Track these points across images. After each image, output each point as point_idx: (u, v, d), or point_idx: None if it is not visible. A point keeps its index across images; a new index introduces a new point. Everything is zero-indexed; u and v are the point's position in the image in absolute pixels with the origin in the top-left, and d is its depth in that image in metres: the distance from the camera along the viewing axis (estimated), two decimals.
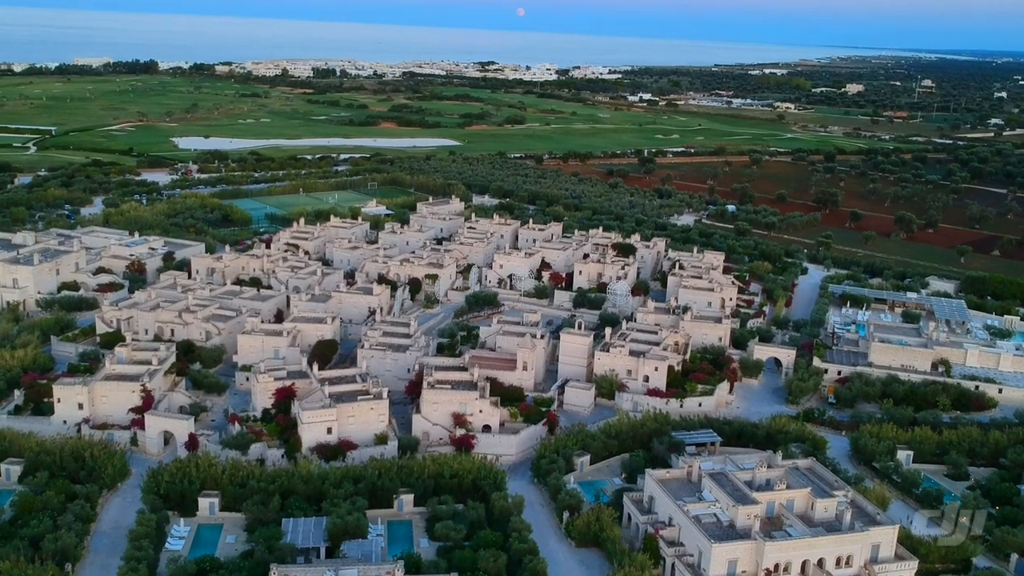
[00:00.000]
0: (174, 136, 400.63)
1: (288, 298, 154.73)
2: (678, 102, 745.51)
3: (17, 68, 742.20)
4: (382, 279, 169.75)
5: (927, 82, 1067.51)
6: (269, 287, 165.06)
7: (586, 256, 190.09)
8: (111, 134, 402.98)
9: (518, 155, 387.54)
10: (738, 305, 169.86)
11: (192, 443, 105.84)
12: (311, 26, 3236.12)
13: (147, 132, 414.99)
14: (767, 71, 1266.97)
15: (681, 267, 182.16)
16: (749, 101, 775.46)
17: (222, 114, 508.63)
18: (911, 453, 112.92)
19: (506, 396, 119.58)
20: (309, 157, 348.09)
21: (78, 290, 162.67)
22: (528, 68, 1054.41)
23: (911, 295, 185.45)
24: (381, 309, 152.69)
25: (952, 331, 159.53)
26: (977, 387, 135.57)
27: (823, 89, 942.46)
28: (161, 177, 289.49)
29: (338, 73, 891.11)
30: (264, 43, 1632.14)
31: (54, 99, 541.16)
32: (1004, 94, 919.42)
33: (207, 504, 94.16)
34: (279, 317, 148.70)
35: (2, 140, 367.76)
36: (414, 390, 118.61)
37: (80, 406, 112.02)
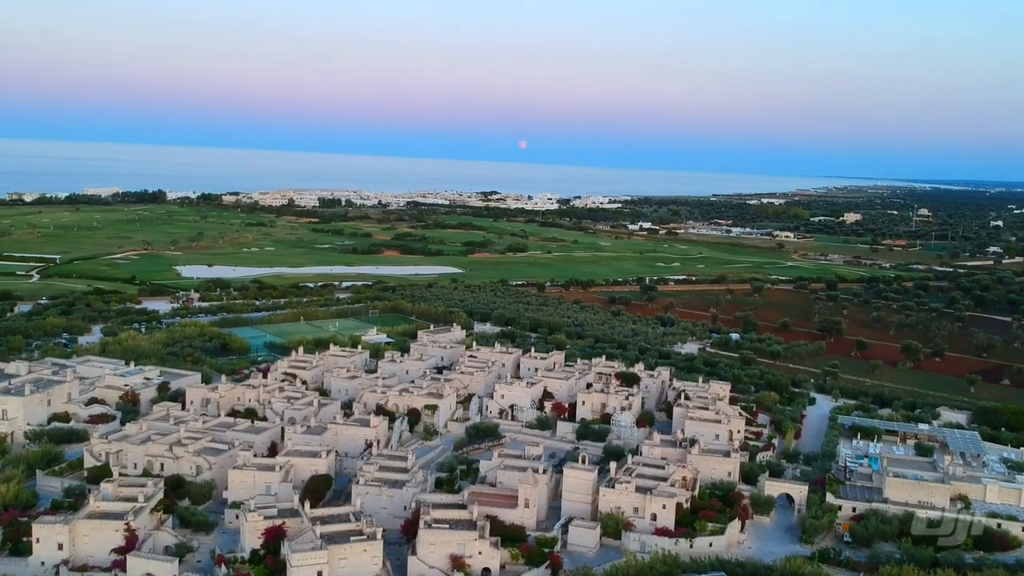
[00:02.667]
0: (178, 264, 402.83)
1: (283, 430, 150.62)
2: (678, 231, 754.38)
3: (28, 198, 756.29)
4: (380, 410, 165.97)
5: (923, 211, 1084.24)
6: (264, 418, 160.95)
7: (589, 386, 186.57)
8: (115, 262, 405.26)
9: (520, 283, 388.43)
10: (746, 437, 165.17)
11: None
12: (319, 158, 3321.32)
13: (151, 260, 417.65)
14: (765, 200, 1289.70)
15: (687, 397, 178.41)
16: (748, 230, 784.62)
17: (227, 243, 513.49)
18: None
19: (507, 535, 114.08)
20: (311, 285, 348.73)
21: (69, 421, 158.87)
22: (530, 197, 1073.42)
23: (923, 426, 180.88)
24: (378, 442, 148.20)
25: (968, 464, 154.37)
26: (999, 525, 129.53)
27: (821, 218, 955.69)
28: (162, 305, 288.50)
29: (343, 203, 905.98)
30: (272, 174, 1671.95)
31: (61, 228, 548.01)
32: (1000, 223, 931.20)
33: None
34: (273, 450, 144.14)
35: (6, 268, 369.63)
36: (410, 529, 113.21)
37: (60, 546, 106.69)
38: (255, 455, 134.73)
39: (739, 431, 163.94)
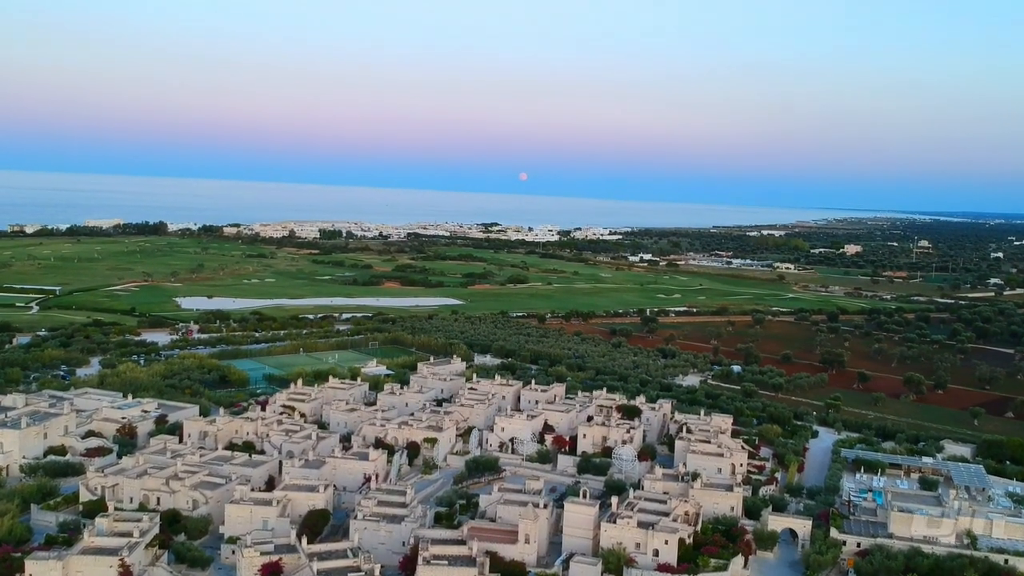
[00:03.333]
0: (178, 296, 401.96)
1: (280, 464, 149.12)
2: (678, 262, 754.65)
3: (29, 229, 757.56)
4: (379, 443, 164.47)
5: (924, 242, 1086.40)
6: (262, 452, 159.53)
7: (590, 419, 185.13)
8: (115, 294, 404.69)
9: (520, 314, 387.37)
10: (749, 471, 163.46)
11: None
12: (320, 190, 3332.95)
13: (151, 292, 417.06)
14: (765, 232, 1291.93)
15: (689, 431, 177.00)
16: (749, 262, 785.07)
17: (227, 274, 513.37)
18: None
19: (507, 572, 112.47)
20: (311, 316, 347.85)
21: (65, 455, 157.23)
22: (530, 229, 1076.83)
23: (927, 460, 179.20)
24: (377, 476, 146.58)
25: (973, 499, 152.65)
26: (1007, 561, 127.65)
27: (821, 250, 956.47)
28: (161, 337, 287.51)
29: (344, 234, 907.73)
30: (273, 206, 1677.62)
31: (62, 259, 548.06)
32: (1000, 254, 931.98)
33: None
34: (271, 484, 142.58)
35: (6, 300, 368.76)
36: (409, 565, 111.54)
37: None
38: (252, 489, 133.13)
39: (741, 465, 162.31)
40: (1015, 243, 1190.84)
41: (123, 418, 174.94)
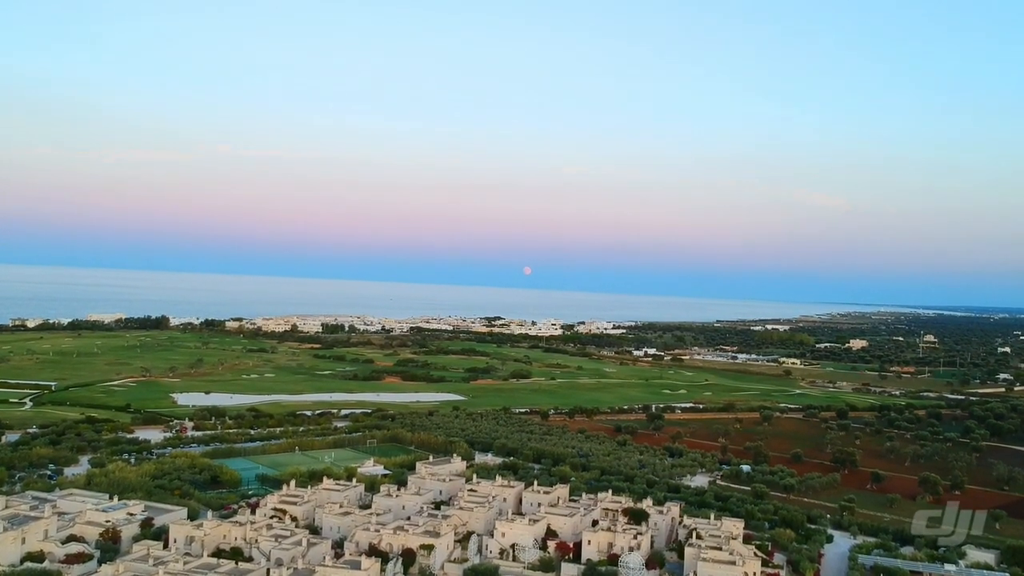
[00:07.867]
0: (175, 392, 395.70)
1: (268, 572, 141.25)
2: (683, 357, 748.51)
3: (31, 323, 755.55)
4: (373, 550, 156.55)
5: (929, 337, 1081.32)
6: (250, 559, 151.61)
7: (595, 523, 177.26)
8: (111, 389, 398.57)
9: (523, 410, 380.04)
10: None
11: None
12: (323, 284, 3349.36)
13: (148, 388, 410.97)
14: (769, 327, 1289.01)
15: (699, 536, 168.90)
16: (754, 356, 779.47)
17: (226, 369, 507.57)
18: None
19: None
20: (309, 413, 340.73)
21: (43, 561, 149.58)
22: (534, 323, 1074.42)
23: (949, 567, 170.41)
24: None
25: None
26: None
27: (827, 344, 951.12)
28: (154, 435, 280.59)
29: (347, 328, 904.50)
30: (276, 300, 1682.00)
31: (61, 354, 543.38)
32: (1007, 349, 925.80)
33: None
34: None
35: (0, 395, 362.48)
36: None
37: None
38: None
39: (755, 573, 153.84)
40: (1021, 337, 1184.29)
41: (107, 521, 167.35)
